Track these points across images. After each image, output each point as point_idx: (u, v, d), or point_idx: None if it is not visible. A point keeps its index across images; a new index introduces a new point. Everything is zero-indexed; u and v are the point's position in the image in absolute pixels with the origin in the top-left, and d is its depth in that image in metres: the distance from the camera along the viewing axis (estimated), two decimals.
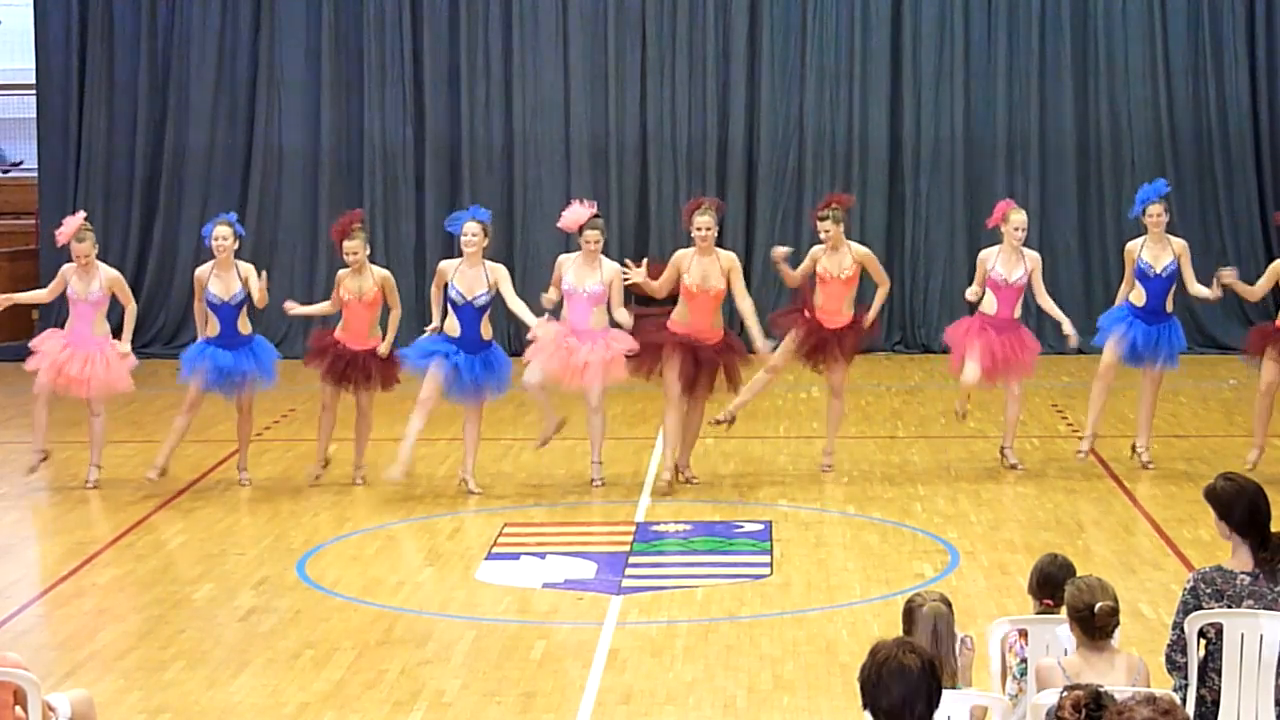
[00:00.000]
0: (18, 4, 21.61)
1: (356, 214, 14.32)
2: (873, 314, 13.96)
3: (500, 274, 13.32)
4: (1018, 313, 13.80)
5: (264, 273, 13.84)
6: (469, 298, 13.16)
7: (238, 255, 13.72)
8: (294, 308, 14.36)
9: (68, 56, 20.83)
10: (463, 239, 13.24)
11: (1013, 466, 13.89)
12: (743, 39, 20.65)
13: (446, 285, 13.29)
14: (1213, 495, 7.20)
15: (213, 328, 13.67)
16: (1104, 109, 20.48)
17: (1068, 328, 13.66)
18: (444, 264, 13.45)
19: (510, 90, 20.71)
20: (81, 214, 14.30)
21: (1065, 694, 5.03)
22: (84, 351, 13.64)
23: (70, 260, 13.79)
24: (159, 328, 20.73)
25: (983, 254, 13.91)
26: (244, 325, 13.73)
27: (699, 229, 13.19)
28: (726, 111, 20.68)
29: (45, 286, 20.41)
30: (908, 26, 20.50)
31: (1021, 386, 13.90)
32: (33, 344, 14.01)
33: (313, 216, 20.64)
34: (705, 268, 13.15)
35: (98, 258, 13.79)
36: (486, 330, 13.30)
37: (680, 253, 13.39)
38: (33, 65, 21.05)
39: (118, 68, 20.82)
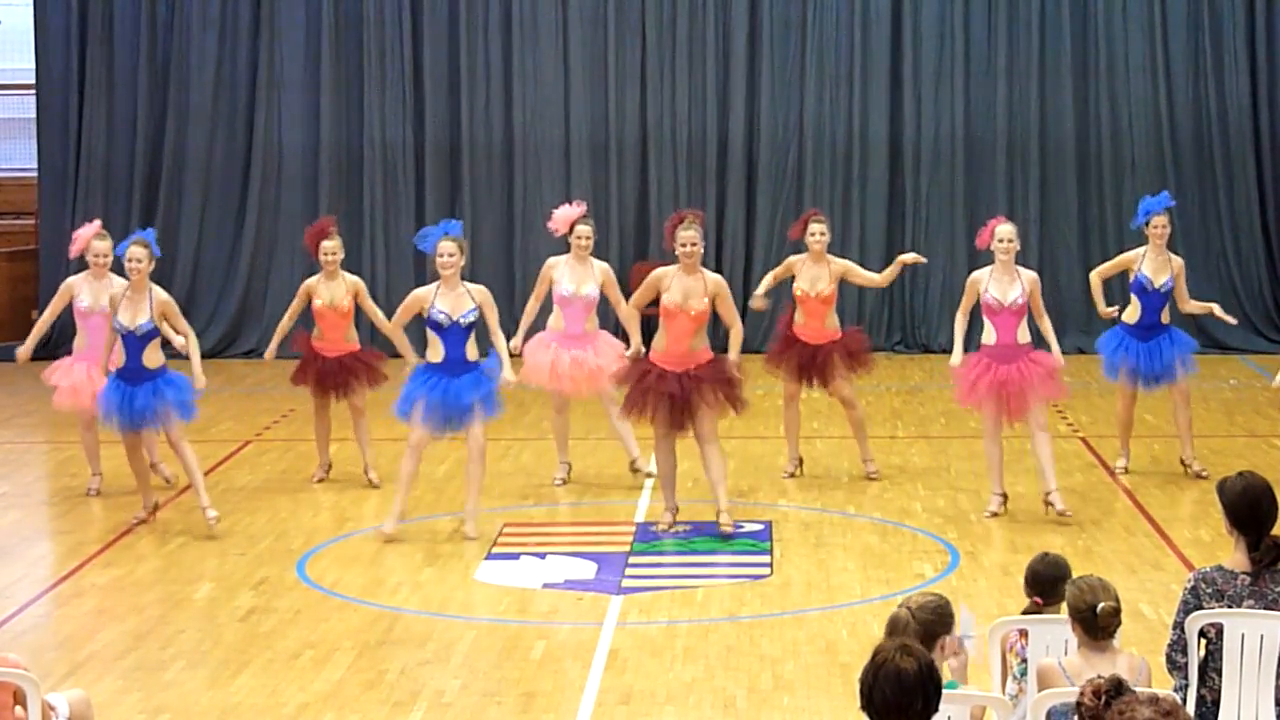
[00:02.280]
0: (18, 4, 21.60)
1: (330, 218, 14.36)
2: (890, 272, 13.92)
3: (485, 298, 12.21)
4: (1024, 337, 12.46)
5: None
6: (455, 317, 12.08)
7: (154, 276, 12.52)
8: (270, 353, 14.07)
9: (68, 56, 20.83)
10: (439, 260, 12.11)
11: (1061, 514, 12.33)
12: (743, 39, 20.64)
13: (422, 313, 12.19)
14: (1220, 490, 7.22)
15: (117, 359, 12.28)
16: (1104, 109, 20.48)
17: (1057, 353, 12.44)
18: (420, 291, 12.30)
19: (510, 90, 20.71)
20: (97, 222, 13.79)
21: (1087, 682, 5.04)
22: (89, 363, 13.15)
23: (73, 274, 13.45)
24: None
25: (973, 275, 12.67)
26: (152, 357, 12.27)
27: (683, 244, 12.01)
28: (726, 111, 20.68)
29: (43, 287, 20.63)
30: (908, 26, 20.50)
31: (1046, 415, 12.62)
32: (52, 378, 13.47)
33: (313, 217, 20.53)
34: (688, 286, 12.02)
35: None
36: (472, 350, 12.22)
37: (660, 270, 12.24)
38: (33, 65, 21.04)
39: (118, 68, 20.81)
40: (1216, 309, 13.89)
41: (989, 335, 12.54)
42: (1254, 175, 20.43)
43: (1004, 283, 12.44)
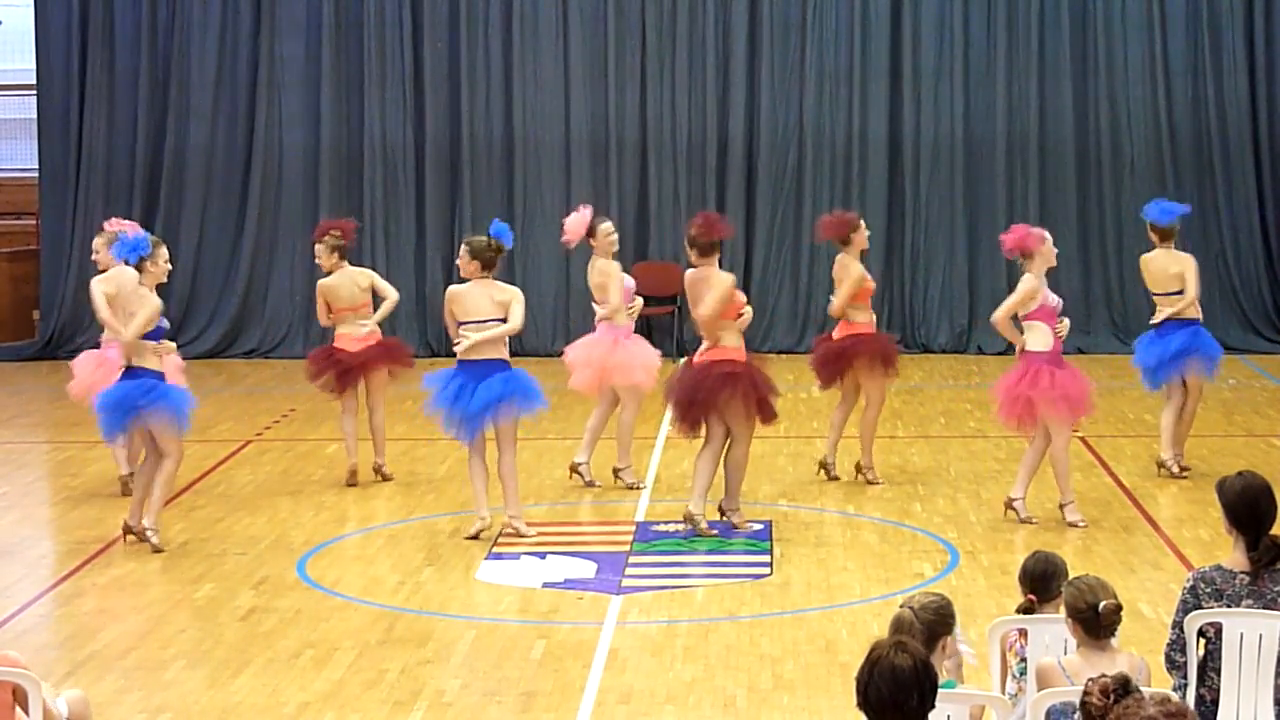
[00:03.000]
0: (18, 4, 21.60)
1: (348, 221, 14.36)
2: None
3: (513, 295, 12.13)
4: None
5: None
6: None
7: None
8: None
9: (68, 57, 20.83)
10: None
11: (1024, 520, 12.30)
12: (743, 39, 20.64)
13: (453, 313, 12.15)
14: (1220, 490, 7.23)
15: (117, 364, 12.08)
16: (1104, 109, 20.47)
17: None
18: (453, 289, 12.18)
19: (510, 90, 20.71)
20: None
21: (1093, 680, 5.04)
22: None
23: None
24: None
25: (1034, 283, 12.12)
26: (153, 360, 11.95)
27: None
28: (726, 111, 20.67)
29: (43, 287, 20.64)
30: (908, 26, 20.50)
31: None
32: (78, 365, 13.47)
33: (313, 216, 20.59)
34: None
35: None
36: (499, 351, 12.08)
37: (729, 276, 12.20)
38: (33, 65, 21.04)
39: (118, 68, 20.80)
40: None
41: (1044, 341, 12.12)
42: (1253, 175, 20.43)
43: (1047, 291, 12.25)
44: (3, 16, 22.10)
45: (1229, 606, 7.03)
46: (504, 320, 11.96)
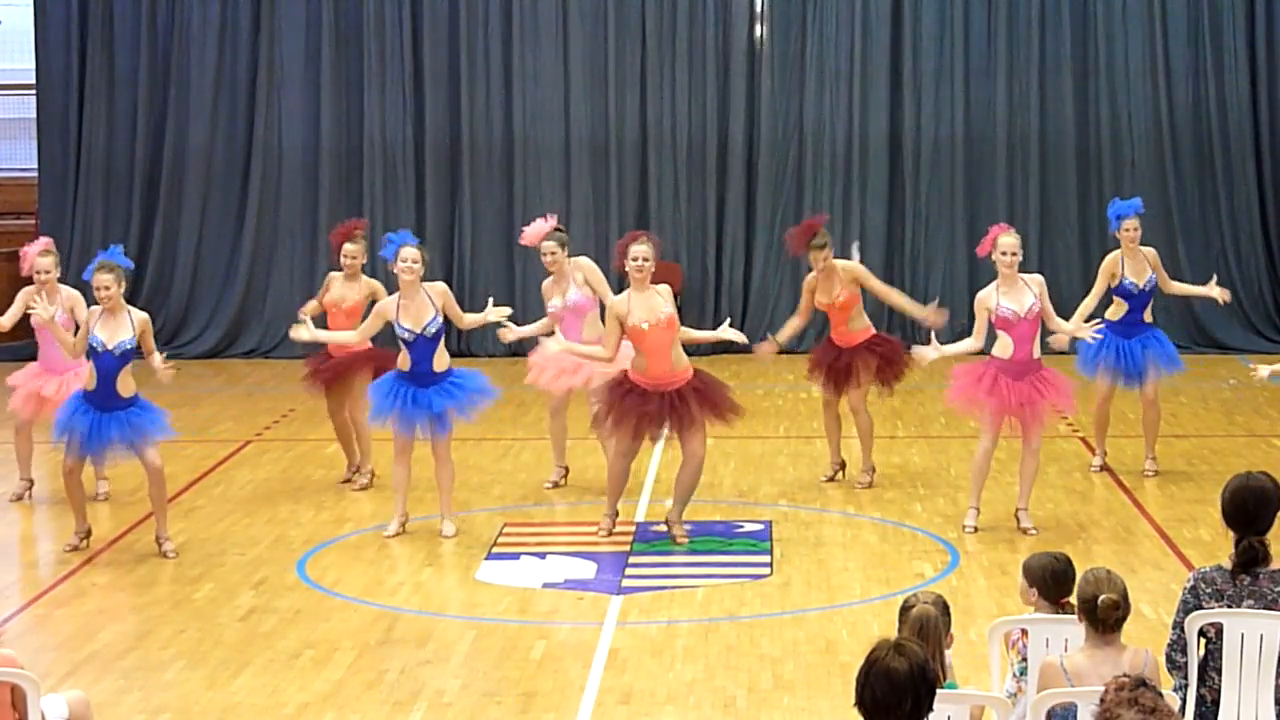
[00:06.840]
0: (18, 4, 21.60)
1: (362, 222, 14.35)
2: (931, 311, 13.83)
3: (444, 294, 12.28)
4: (1037, 352, 12.10)
5: (165, 357, 12.14)
6: (419, 330, 12.11)
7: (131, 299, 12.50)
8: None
9: (68, 56, 20.83)
10: (402, 265, 12.08)
11: (1025, 531, 12.14)
12: (743, 39, 20.65)
13: (391, 324, 12.18)
14: (1224, 491, 7.22)
15: (90, 380, 11.72)
16: (1104, 109, 20.47)
17: (1084, 329, 12.64)
18: (381, 305, 12.32)
19: (510, 90, 20.71)
20: (41, 241, 13.27)
21: (1113, 679, 5.07)
22: (59, 377, 12.83)
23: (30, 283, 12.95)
24: (158, 329, 20.65)
25: (980, 295, 12.26)
26: (125, 384, 11.67)
27: (635, 259, 11.81)
28: (726, 111, 20.67)
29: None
30: (908, 26, 20.49)
31: (1040, 439, 12.31)
32: (16, 383, 13.31)
33: (313, 216, 20.66)
34: (647, 301, 11.80)
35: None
36: (442, 360, 12.21)
37: (613, 301, 11.97)
38: (33, 65, 21.04)
39: (118, 68, 20.81)
40: (1208, 290, 13.91)
41: (1004, 348, 12.06)
42: (1254, 175, 20.43)
43: (1013, 294, 12.03)
44: (2, 16, 22.10)
45: (1230, 607, 7.03)
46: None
